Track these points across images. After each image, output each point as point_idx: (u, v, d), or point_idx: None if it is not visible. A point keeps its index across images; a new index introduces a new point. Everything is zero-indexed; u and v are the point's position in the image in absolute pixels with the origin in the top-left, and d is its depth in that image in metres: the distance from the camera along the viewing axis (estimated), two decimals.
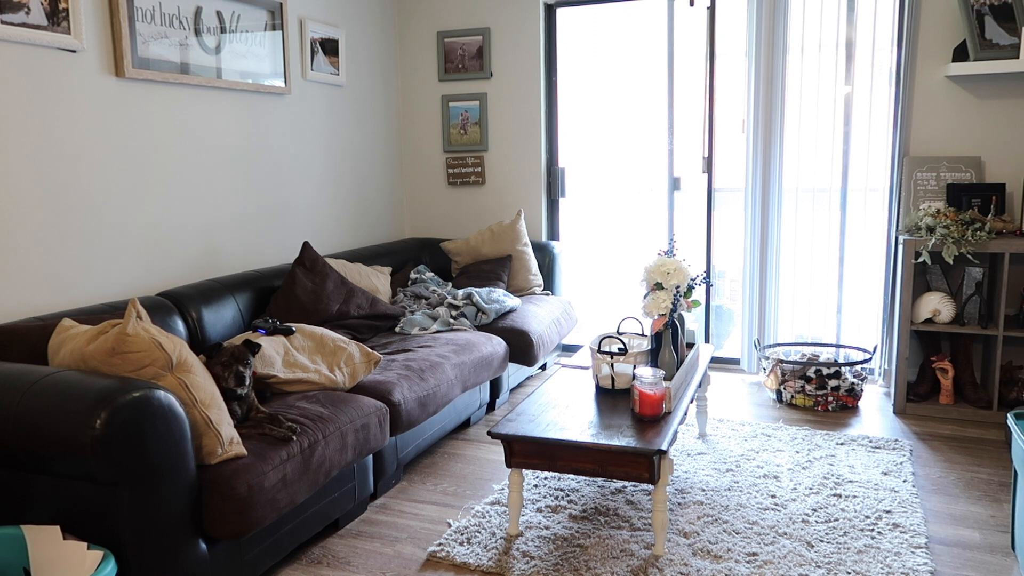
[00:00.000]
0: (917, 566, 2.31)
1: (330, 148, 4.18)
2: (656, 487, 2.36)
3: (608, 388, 2.76)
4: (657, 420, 2.48)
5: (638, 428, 2.42)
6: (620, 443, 2.30)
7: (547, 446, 2.41)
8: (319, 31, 3.99)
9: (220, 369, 2.29)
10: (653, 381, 2.48)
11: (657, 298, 2.86)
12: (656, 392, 2.47)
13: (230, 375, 2.30)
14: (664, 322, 2.83)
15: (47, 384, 1.90)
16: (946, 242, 3.41)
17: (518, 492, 2.53)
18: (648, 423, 2.46)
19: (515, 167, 4.68)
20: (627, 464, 2.33)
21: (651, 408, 2.48)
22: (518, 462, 2.47)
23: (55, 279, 2.72)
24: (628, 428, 2.42)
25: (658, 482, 2.34)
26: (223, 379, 2.30)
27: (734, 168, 4.33)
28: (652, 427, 2.42)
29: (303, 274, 3.36)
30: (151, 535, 1.91)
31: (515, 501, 2.53)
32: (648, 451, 2.27)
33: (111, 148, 2.91)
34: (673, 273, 2.86)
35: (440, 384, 3.06)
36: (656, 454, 2.27)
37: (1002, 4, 3.54)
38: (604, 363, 2.75)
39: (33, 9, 2.55)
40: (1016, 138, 3.70)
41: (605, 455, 2.35)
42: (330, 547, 2.53)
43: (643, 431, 2.40)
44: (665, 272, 2.87)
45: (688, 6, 4.20)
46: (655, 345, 2.83)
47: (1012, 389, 3.61)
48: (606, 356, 2.74)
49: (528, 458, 2.45)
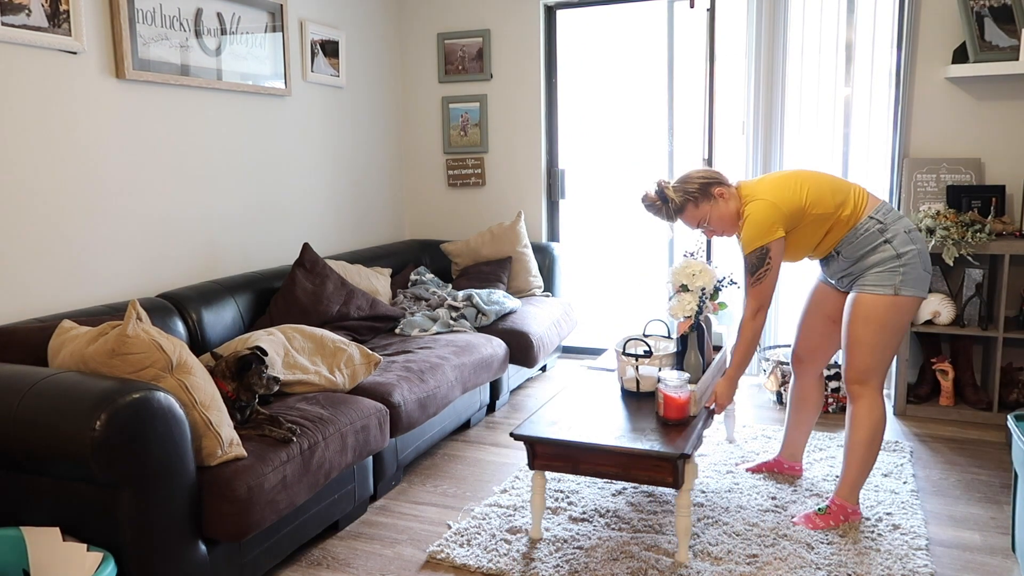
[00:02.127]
0: (917, 568, 2.31)
1: (330, 150, 4.18)
2: (680, 492, 2.33)
3: (633, 391, 2.74)
4: (682, 424, 2.45)
5: (662, 432, 2.39)
6: (644, 447, 2.28)
7: (570, 448, 2.38)
8: (319, 33, 3.99)
9: (257, 377, 2.35)
10: (678, 384, 2.45)
11: (682, 300, 2.84)
12: (681, 395, 2.44)
13: (269, 381, 2.37)
14: (690, 324, 2.81)
15: (47, 385, 1.90)
16: (946, 244, 3.41)
17: (541, 494, 2.49)
18: (673, 427, 2.44)
19: (515, 169, 4.68)
20: (651, 468, 2.30)
21: (676, 412, 2.45)
22: (541, 464, 2.44)
23: (55, 280, 2.72)
24: (652, 431, 2.40)
25: (682, 487, 2.31)
26: (262, 386, 2.36)
27: (734, 169, 4.33)
28: (677, 431, 2.40)
29: (303, 275, 3.36)
30: (151, 537, 1.90)
31: (538, 504, 2.50)
32: (672, 455, 2.24)
33: (111, 150, 2.91)
34: (699, 275, 2.84)
35: (440, 386, 3.06)
36: (680, 458, 2.24)
37: (1002, 6, 3.55)
38: (629, 365, 2.72)
39: (34, 11, 2.55)
40: (1016, 139, 3.70)
41: (629, 458, 2.32)
42: (330, 549, 2.53)
43: (667, 434, 2.37)
44: (690, 274, 2.85)
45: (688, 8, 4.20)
46: (681, 348, 2.80)
47: (1012, 391, 3.61)
48: (631, 358, 2.71)
49: (551, 460, 2.42)
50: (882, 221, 2.43)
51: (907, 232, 2.43)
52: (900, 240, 2.41)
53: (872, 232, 2.43)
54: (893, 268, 2.40)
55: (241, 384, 2.33)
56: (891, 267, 2.41)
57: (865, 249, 2.44)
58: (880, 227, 2.43)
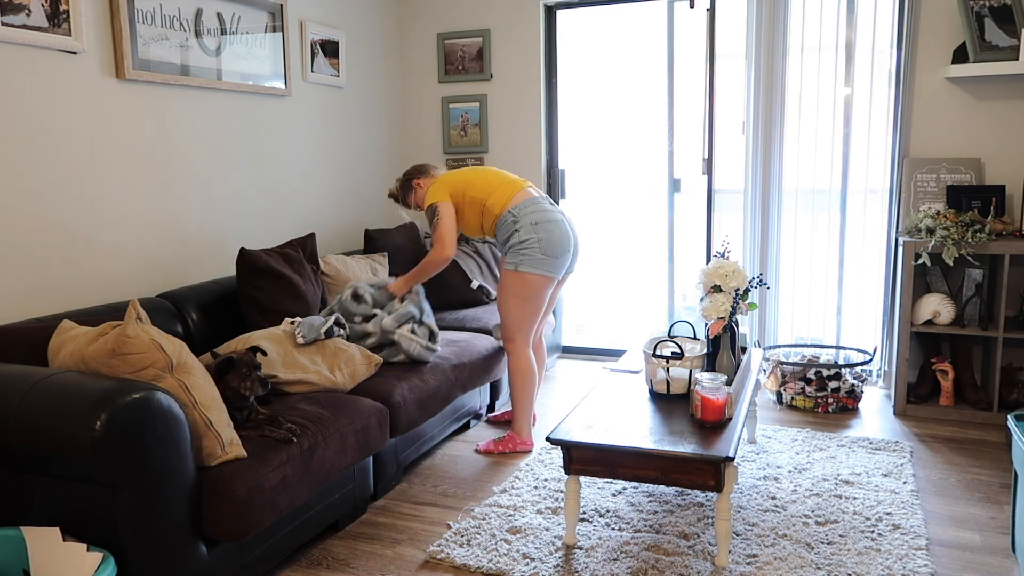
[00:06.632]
0: (917, 568, 2.31)
1: (331, 150, 4.18)
2: (720, 495, 2.30)
3: (663, 393, 2.71)
4: (719, 426, 2.43)
5: (700, 434, 2.37)
6: (687, 450, 2.26)
7: (608, 453, 2.35)
8: (319, 33, 3.99)
9: (238, 380, 2.31)
10: (715, 386, 2.43)
11: (716, 301, 2.82)
12: (719, 397, 2.42)
13: (254, 383, 2.32)
14: (723, 325, 2.79)
15: (47, 385, 1.90)
16: (946, 244, 3.41)
17: (575, 500, 2.46)
18: (710, 429, 2.42)
19: (515, 169, 4.68)
20: (692, 472, 2.28)
21: (714, 414, 2.43)
22: (577, 469, 2.41)
23: (55, 280, 2.72)
24: (690, 434, 2.38)
25: (723, 490, 2.29)
26: (246, 389, 2.31)
27: (734, 170, 4.33)
28: (715, 433, 2.38)
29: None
30: (151, 537, 1.90)
31: (572, 509, 2.47)
32: (716, 458, 2.22)
33: (111, 150, 2.91)
34: (732, 275, 2.83)
35: (440, 386, 3.06)
36: (723, 461, 2.23)
37: (1002, 6, 3.55)
38: (660, 367, 2.69)
39: (34, 11, 2.55)
40: (1016, 139, 3.70)
41: (670, 462, 2.29)
42: (330, 549, 2.53)
43: (706, 437, 2.35)
44: (724, 275, 2.84)
45: (688, 8, 4.20)
46: (712, 349, 2.77)
47: (1012, 391, 3.61)
48: (662, 360, 2.68)
49: (587, 465, 2.39)
50: (516, 215, 3.12)
51: (534, 224, 3.09)
52: (525, 230, 3.09)
53: (508, 222, 3.14)
54: (516, 250, 3.11)
55: (223, 387, 2.30)
56: (516, 249, 3.11)
57: (506, 234, 3.15)
58: (513, 219, 3.12)
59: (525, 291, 3.12)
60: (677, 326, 3.02)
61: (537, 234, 3.08)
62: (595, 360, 4.79)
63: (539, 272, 3.09)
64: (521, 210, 3.12)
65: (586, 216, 5.38)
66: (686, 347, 2.82)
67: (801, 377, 3.75)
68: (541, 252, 3.07)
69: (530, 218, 3.10)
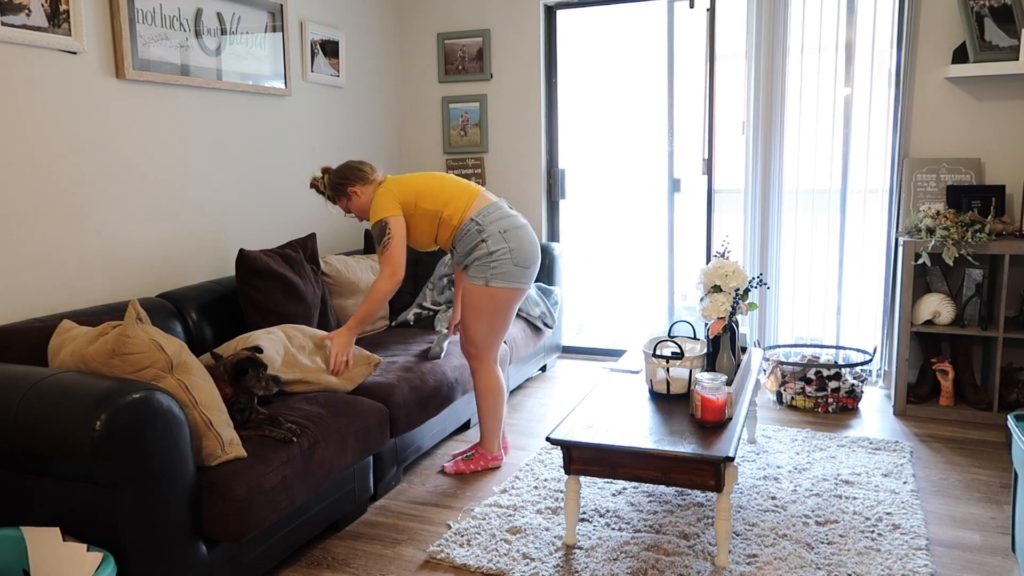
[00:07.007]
0: (917, 568, 2.31)
1: (331, 150, 4.18)
2: (721, 495, 2.31)
3: (663, 393, 2.72)
4: (719, 426, 2.44)
5: (700, 434, 2.38)
6: (687, 450, 2.26)
7: (608, 453, 2.36)
8: (319, 33, 3.99)
9: (255, 380, 2.34)
10: (715, 386, 2.44)
11: (716, 301, 2.82)
12: (719, 397, 2.43)
13: (268, 383, 2.36)
14: (723, 325, 2.79)
15: (47, 385, 1.90)
16: (946, 244, 3.41)
17: (575, 500, 2.47)
18: (710, 429, 2.42)
19: (515, 169, 4.68)
20: (692, 472, 2.29)
21: (714, 414, 2.43)
22: (577, 469, 2.42)
23: (55, 280, 2.72)
24: (690, 434, 2.38)
25: (723, 490, 2.30)
26: (262, 388, 2.35)
27: (734, 170, 4.33)
28: (715, 433, 2.39)
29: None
30: (151, 537, 1.90)
31: (572, 509, 2.48)
32: (716, 458, 2.23)
33: (111, 149, 2.91)
34: (732, 275, 2.83)
35: (440, 386, 3.06)
36: (723, 461, 2.23)
37: (1001, 6, 3.55)
38: (660, 367, 2.69)
39: (34, 11, 2.55)
40: (1016, 139, 3.70)
41: (670, 462, 2.30)
42: (330, 548, 2.53)
43: (706, 437, 2.36)
44: (724, 275, 2.84)
45: (688, 8, 4.21)
46: (712, 349, 2.77)
47: (1012, 391, 3.61)
48: (662, 360, 2.68)
49: (587, 465, 2.40)
50: (480, 223, 2.85)
51: (502, 232, 2.83)
52: (494, 240, 2.83)
53: (472, 232, 2.86)
54: (485, 263, 2.83)
55: (239, 388, 2.33)
56: (484, 262, 2.83)
57: (469, 246, 2.87)
58: (478, 228, 2.85)
59: (496, 306, 2.88)
60: (677, 326, 3.02)
61: (508, 243, 2.83)
62: (595, 360, 4.79)
63: (512, 286, 2.85)
64: (485, 217, 2.85)
65: (586, 216, 5.38)
66: (686, 347, 2.82)
67: (801, 377, 3.75)
68: (514, 263, 2.83)
69: (496, 226, 2.84)
